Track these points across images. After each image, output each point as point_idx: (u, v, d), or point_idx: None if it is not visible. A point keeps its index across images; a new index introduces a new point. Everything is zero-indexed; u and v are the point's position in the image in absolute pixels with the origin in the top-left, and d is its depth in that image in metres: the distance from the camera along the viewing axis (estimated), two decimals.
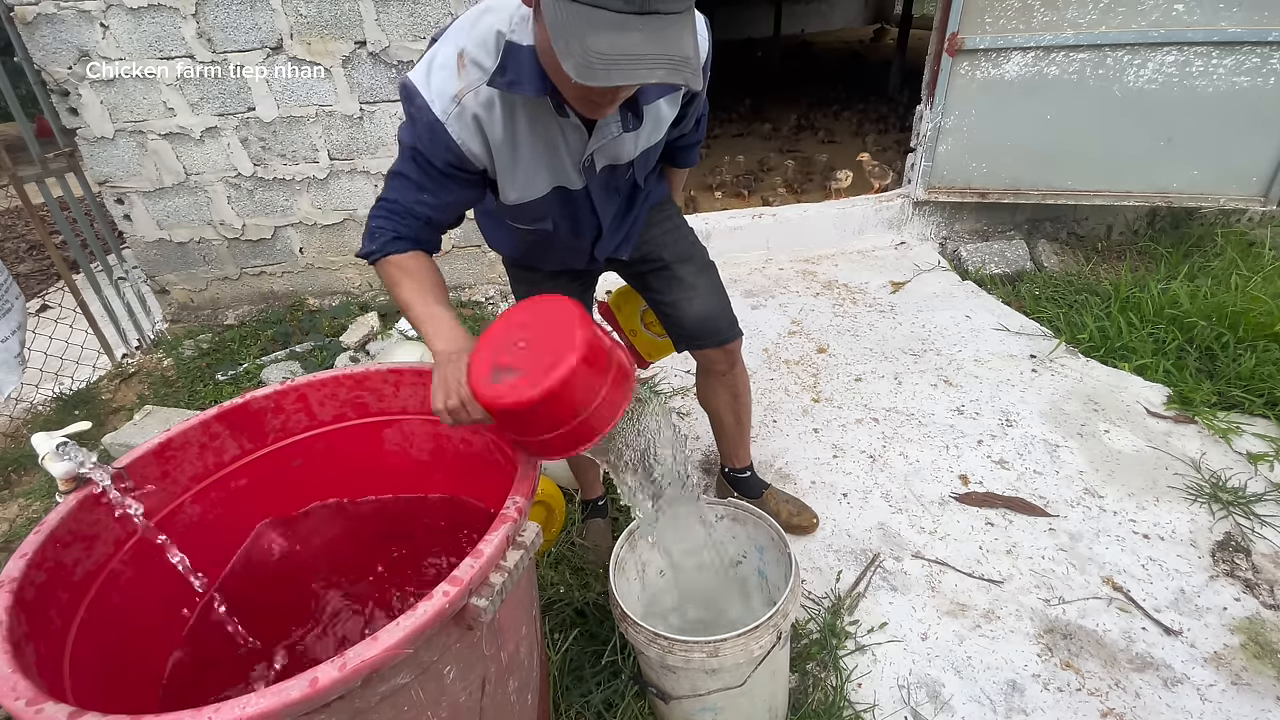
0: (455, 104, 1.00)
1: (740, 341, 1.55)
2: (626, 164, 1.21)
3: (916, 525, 1.86)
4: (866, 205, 3.56)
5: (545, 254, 1.40)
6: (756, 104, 6.05)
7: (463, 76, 0.99)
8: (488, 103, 1.01)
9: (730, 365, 1.58)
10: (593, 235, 1.32)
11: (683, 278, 1.46)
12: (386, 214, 1.08)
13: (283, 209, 3.06)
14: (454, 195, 1.10)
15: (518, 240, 1.36)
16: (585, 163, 1.13)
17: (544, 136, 1.08)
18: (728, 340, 1.52)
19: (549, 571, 1.70)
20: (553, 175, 1.14)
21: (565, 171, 1.14)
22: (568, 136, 1.09)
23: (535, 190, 1.15)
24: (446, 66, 1.00)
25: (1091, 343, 2.56)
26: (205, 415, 1.13)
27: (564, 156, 1.11)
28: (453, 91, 1.00)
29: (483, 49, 0.99)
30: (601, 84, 0.79)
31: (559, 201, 1.20)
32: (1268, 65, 2.67)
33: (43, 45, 2.61)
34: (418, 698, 0.81)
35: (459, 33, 1.01)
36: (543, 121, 1.06)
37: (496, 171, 1.11)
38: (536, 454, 1.00)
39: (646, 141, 1.19)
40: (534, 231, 1.27)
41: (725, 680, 1.15)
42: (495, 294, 3.32)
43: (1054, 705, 1.41)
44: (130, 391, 2.82)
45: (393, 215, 1.08)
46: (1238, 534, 1.76)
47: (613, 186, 1.26)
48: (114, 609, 0.97)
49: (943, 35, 2.96)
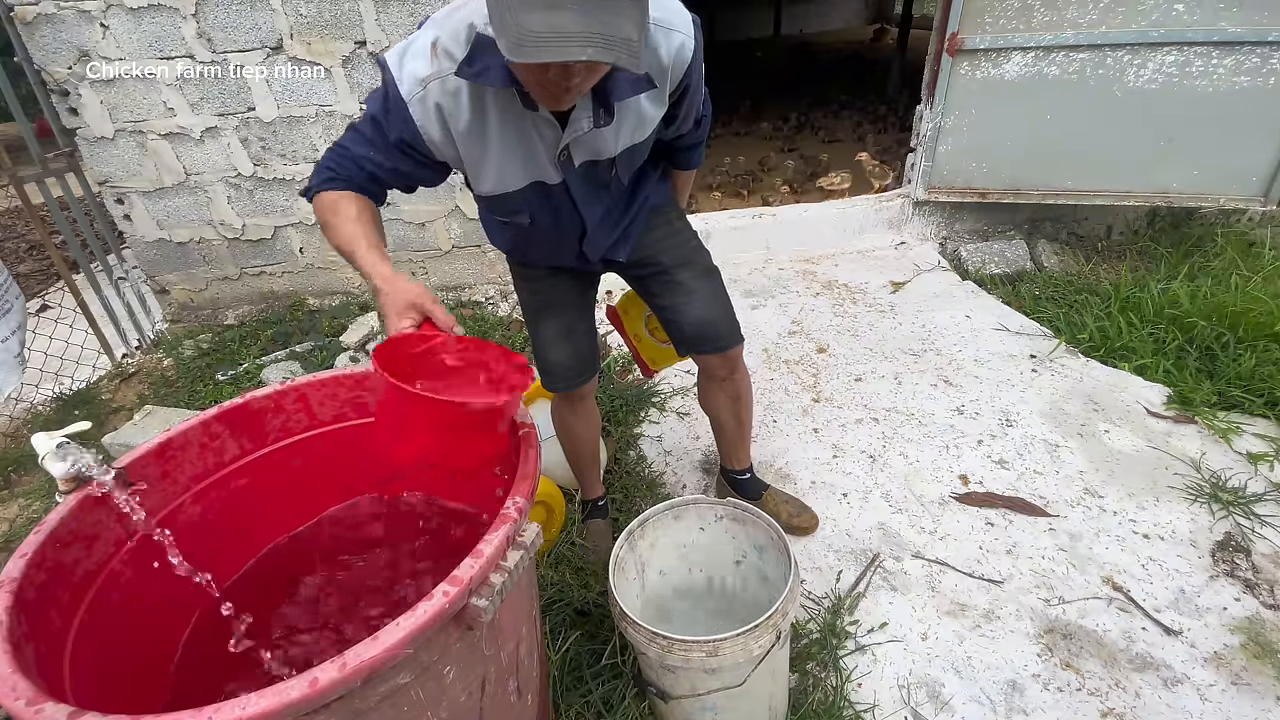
0: (420, 87, 1.03)
1: (741, 348, 1.54)
2: (608, 160, 1.20)
3: (916, 525, 1.86)
4: (866, 205, 3.56)
5: (531, 248, 1.40)
6: (756, 104, 6.05)
7: (433, 64, 1.01)
8: (454, 92, 1.03)
9: (731, 371, 1.57)
10: (577, 232, 1.31)
11: (682, 282, 1.45)
12: (332, 158, 1.11)
13: (283, 209, 3.06)
14: (398, 166, 1.12)
15: (508, 234, 1.36)
16: (561, 157, 1.13)
17: (516, 129, 1.09)
18: (727, 347, 1.50)
19: (549, 571, 1.70)
20: (529, 170, 1.15)
21: (542, 166, 1.15)
22: (541, 130, 1.09)
23: (510, 183, 1.16)
24: (420, 53, 1.02)
25: (1091, 343, 2.56)
26: (205, 415, 1.13)
27: (539, 149, 1.12)
28: (421, 75, 1.02)
29: (454, 40, 1.01)
30: (530, 60, 0.81)
31: (537, 196, 1.20)
32: (1268, 65, 2.67)
33: (43, 45, 2.61)
34: (418, 698, 0.81)
35: (436, 23, 1.03)
36: (514, 115, 1.07)
37: (464, 162, 1.12)
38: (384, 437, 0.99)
39: (629, 139, 1.19)
40: (512, 225, 1.27)
41: (725, 680, 1.15)
42: (495, 294, 3.32)
43: (1054, 705, 1.41)
44: (130, 391, 2.82)
45: (338, 160, 1.10)
46: (1238, 534, 1.76)
47: (596, 183, 1.25)
48: (114, 609, 0.97)
49: (943, 35, 2.96)
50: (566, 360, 1.52)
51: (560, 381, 1.56)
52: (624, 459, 2.17)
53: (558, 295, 1.49)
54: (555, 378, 1.55)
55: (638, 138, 1.20)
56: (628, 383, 2.57)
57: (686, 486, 2.07)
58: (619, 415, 2.36)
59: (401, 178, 1.15)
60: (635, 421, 2.35)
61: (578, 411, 1.67)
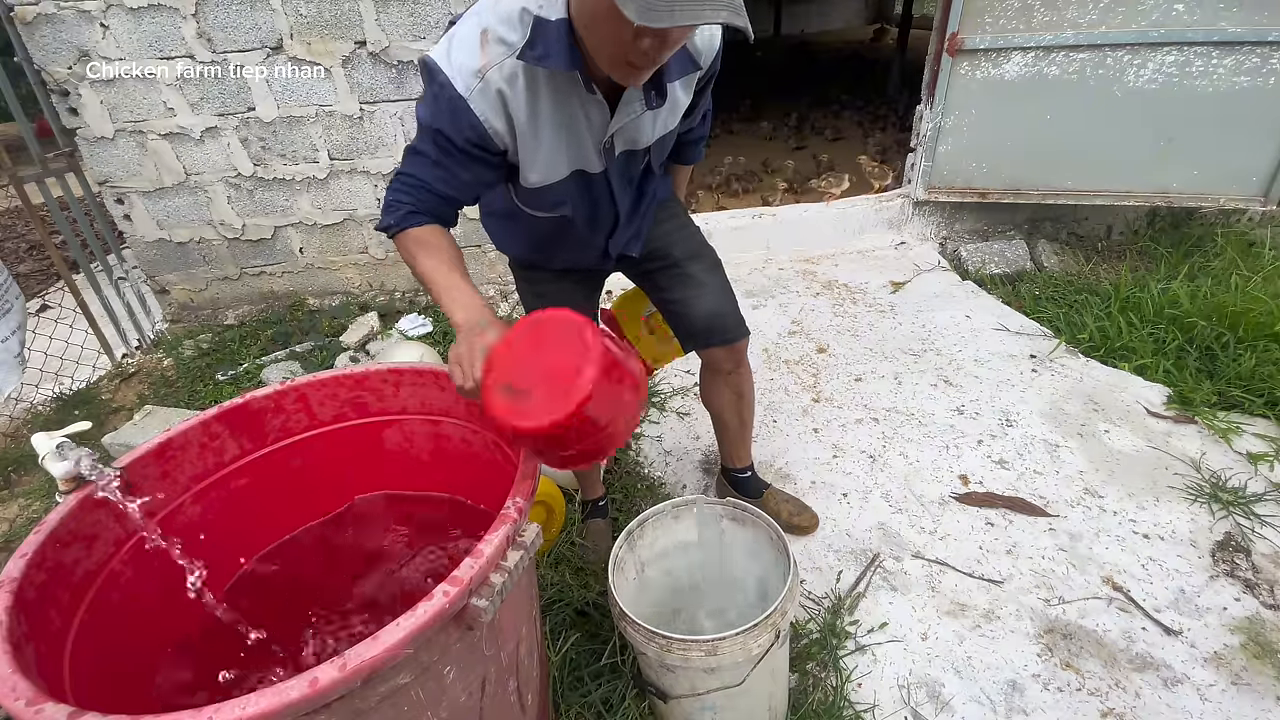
0: (478, 79, 1.00)
1: (747, 341, 1.55)
2: (643, 150, 1.21)
3: (916, 525, 1.86)
4: (866, 205, 3.56)
5: (559, 248, 1.38)
6: (756, 104, 6.05)
7: (485, 52, 0.99)
8: (511, 78, 1.01)
9: (736, 365, 1.57)
10: (609, 225, 1.31)
11: (692, 274, 1.46)
12: (404, 188, 1.08)
13: (283, 209, 3.06)
14: (472, 174, 1.09)
15: (532, 234, 1.34)
16: (606, 144, 1.13)
17: (566, 115, 1.07)
18: (735, 339, 1.51)
19: (549, 571, 1.70)
20: (572, 158, 1.14)
21: (586, 154, 1.14)
22: (590, 115, 1.08)
23: (556, 173, 1.14)
24: (468, 43, 1.00)
25: (1091, 343, 2.57)
26: (205, 415, 1.13)
27: (585, 137, 1.11)
28: (475, 66, 0.99)
29: (507, 25, 0.99)
30: (664, 24, 0.80)
31: (578, 186, 1.19)
32: (1268, 65, 2.67)
33: (43, 45, 2.61)
34: (418, 698, 0.81)
35: (479, 13, 1.01)
36: (566, 99, 1.05)
37: (519, 151, 1.10)
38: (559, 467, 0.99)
39: (663, 127, 1.19)
40: (552, 220, 1.25)
41: (724, 679, 1.15)
42: (495, 294, 3.32)
43: (1054, 705, 1.41)
44: (130, 391, 2.82)
45: (410, 190, 1.08)
46: (1238, 534, 1.76)
47: (629, 175, 1.25)
48: (114, 609, 0.97)
49: (943, 35, 2.96)
50: None
51: None
52: (624, 459, 2.17)
53: (564, 302, 1.45)
54: None
55: (669, 126, 1.20)
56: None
57: (686, 486, 2.07)
58: None
59: (472, 190, 1.13)
60: None
61: None
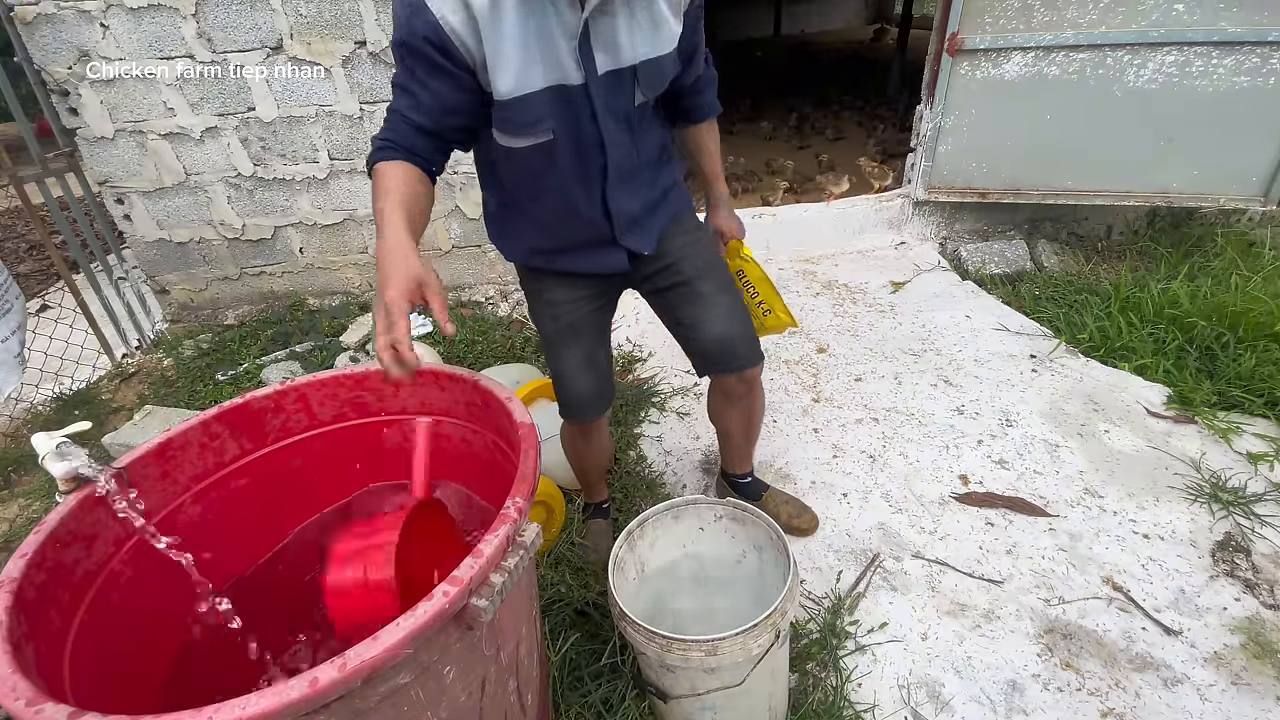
0: None
1: (761, 368, 1.48)
2: (629, 70, 1.13)
3: (916, 525, 1.86)
4: (866, 205, 3.56)
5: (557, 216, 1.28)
6: (756, 103, 6.05)
7: None
8: None
9: (748, 390, 1.51)
10: (599, 161, 1.20)
11: (703, 293, 1.40)
12: (385, 125, 1.09)
13: (283, 209, 3.06)
14: (435, 89, 1.06)
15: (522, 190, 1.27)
16: (581, 45, 1.07)
17: (537, 19, 1.04)
18: (746, 367, 1.45)
19: (549, 571, 1.70)
20: (547, 69, 1.08)
21: (561, 60, 1.08)
22: (561, 12, 1.04)
23: (531, 83, 1.08)
24: None
25: (1091, 343, 2.57)
26: (205, 415, 1.13)
27: (557, 37, 1.06)
28: None
29: None
30: None
31: (557, 102, 1.12)
32: (1268, 65, 2.67)
33: (43, 45, 2.61)
34: (418, 698, 0.81)
35: None
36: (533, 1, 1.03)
37: (485, 54, 1.05)
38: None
39: (648, 46, 1.13)
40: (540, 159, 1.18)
41: (724, 679, 1.15)
42: (495, 294, 3.32)
43: (1054, 705, 1.41)
44: (130, 391, 2.82)
45: (389, 125, 1.08)
46: (1238, 534, 1.76)
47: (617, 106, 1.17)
48: (114, 609, 0.97)
49: (943, 35, 2.96)
50: (588, 392, 1.47)
51: (580, 414, 1.51)
52: (624, 459, 2.17)
53: (578, 319, 1.42)
54: (575, 410, 1.51)
55: (658, 49, 1.14)
56: (628, 383, 2.58)
57: (686, 486, 2.07)
58: (619, 415, 2.36)
59: (449, 114, 1.08)
60: (635, 421, 2.35)
61: (591, 439, 1.63)
